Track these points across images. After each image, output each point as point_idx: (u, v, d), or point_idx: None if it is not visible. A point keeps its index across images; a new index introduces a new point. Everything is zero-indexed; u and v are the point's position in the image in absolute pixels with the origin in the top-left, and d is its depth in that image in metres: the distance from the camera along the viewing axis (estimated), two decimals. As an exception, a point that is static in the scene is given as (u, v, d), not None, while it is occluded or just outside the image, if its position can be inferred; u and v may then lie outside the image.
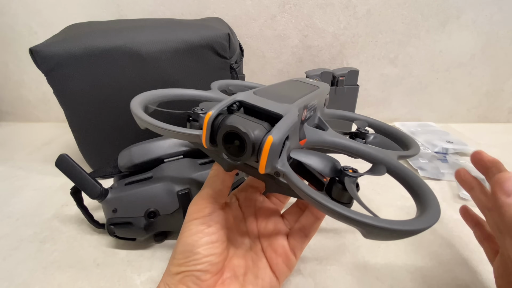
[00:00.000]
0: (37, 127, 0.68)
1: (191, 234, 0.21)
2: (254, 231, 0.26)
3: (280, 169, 0.17)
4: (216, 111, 0.18)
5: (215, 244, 0.21)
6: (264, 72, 0.64)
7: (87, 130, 0.43)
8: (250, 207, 0.27)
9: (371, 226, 0.14)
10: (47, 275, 0.29)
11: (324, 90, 0.28)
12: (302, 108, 0.20)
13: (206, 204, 0.22)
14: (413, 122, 0.67)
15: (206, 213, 0.22)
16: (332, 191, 0.18)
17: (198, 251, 0.21)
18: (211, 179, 0.23)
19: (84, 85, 0.39)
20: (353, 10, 0.57)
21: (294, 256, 0.24)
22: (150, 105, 0.25)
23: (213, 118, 0.18)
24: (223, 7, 0.57)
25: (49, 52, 0.37)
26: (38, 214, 0.38)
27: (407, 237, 0.15)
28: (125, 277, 0.29)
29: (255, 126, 0.17)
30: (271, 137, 0.16)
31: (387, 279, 0.29)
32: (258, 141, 0.16)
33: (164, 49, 0.39)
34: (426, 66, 0.63)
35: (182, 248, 0.21)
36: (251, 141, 0.16)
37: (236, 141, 0.17)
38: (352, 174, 0.18)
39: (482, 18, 0.58)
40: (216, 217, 0.22)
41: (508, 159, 0.52)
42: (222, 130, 0.17)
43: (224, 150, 0.17)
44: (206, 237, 0.21)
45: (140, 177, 0.31)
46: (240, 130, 0.16)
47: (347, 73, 0.53)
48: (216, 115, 0.18)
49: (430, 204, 0.16)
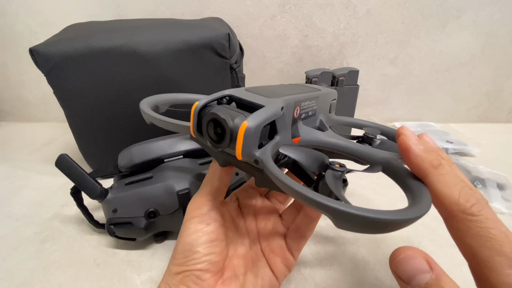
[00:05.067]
0: (37, 127, 0.68)
1: (190, 233, 0.21)
2: (253, 231, 0.26)
3: (258, 156, 0.17)
4: (203, 102, 0.19)
5: (214, 242, 0.21)
6: (264, 72, 0.64)
7: (87, 130, 0.43)
8: (250, 207, 0.27)
9: (339, 212, 0.13)
10: (47, 275, 0.29)
11: (328, 95, 0.28)
12: (292, 104, 0.20)
13: (205, 201, 0.22)
14: (413, 122, 0.67)
15: (204, 210, 0.22)
16: (318, 187, 0.18)
17: (198, 250, 0.21)
18: (209, 176, 0.23)
19: (84, 85, 0.39)
20: (353, 10, 0.57)
21: (292, 256, 0.24)
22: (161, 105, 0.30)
23: (199, 107, 0.19)
24: (223, 7, 0.57)
25: (49, 52, 0.37)
26: (38, 214, 0.38)
27: (387, 230, 0.13)
28: (125, 277, 0.29)
29: (236, 115, 0.17)
30: (246, 122, 0.16)
31: (387, 279, 0.29)
32: (236, 128, 0.17)
33: (164, 49, 0.39)
34: (426, 66, 0.63)
35: (182, 248, 0.21)
36: (230, 128, 0.17)
37: (218, 129, 0.18)
38: (338, 169, 0.18)
39: (482, 18, 0.58)
40: (214, 215, 0.22)
41: (508, 159, 0.53)
42: (205, 118, 0.18)
43: (208, 137, 0.18)
44: (205, 235, 0.21)
45: (140, 177, 0.31)
46: (219, 116, 0.17)
47: (347, 73, 0.53)
48: (202, 105, 0.19)
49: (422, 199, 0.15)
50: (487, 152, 0.53)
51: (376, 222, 0.13)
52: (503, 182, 0.42)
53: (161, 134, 0.35)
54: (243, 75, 0.51)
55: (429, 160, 0.16)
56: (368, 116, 0.67)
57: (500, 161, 0.51)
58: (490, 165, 0.45)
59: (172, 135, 0.35)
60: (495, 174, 0.43)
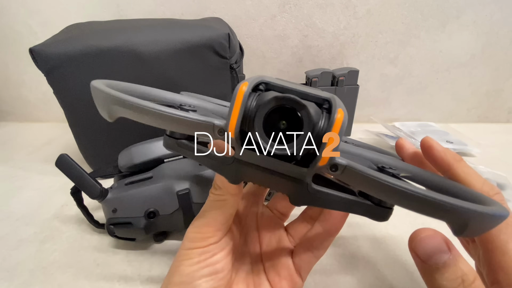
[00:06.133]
0: (37, 127, 0.67)
1: (191, 264, 0.18)
2: (255, 248, 0.23)
3: (340, 161, 0.13)
4: (252, 83, 0.13)
5: (219, 274, 0.18)
6: (264, 72, 0.64)
7: (87, 130, 0.43)
8: (251, 219, 0.24)
9: (479, 214, 0.11)
10: (47, 275, 0.29)
11: None
12: None
13: (213, 232, 0.18)
14: (413, 122, 0.67)
15: (211, 242, 0.18)
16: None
17: (199, 284, 0.17)
18: (220, 201, 0.19)
19: (84, 85, 0.39)
20: (353, 10, 0.57)
21: (300, 277, 0.21)
22: None
23: (249, 90, 0.13)
24: (223, 7, 0.57)
25: (49, 52, 0.37)
26: (38, 214, 0.38)
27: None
28: (125, 277, 0.29)
29: (308, 103, 0.12)
30: (341, 110, 0.12)
31: (387, 279, 0.29)
32: (317, 121, 0.12)
33: (164, 49, 0.39)
34: (426, 66, 0.63)
35: (179, 279, 0.18)
36: (312, 121, 0.12)
37: (283, 122, 0.13)
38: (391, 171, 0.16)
39: (482, 18, 0.58)
40: (223, 243, 0.19)
41: (508, 159, 0.53)
42: (265, 105, 0.12)
43: (265, 136, 0.13)
44: (210, 267, 0.18)
45: (140, 177, 0.31)
46: (298, 101, 0.12)
47: (347, 73, 0.53)
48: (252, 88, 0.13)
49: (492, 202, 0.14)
50: (487, 152, 0.53)
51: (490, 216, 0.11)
52: (503, 182, 0.42)
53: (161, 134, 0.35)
54: (243, 75, 0.51)
55: (452, 154, 0.19)
56: (368, 116, 0.67)
57: (500, 161, 0.51)
58: (490, 165, 0.45)
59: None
60: (495, 174, 0.43)
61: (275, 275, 0.21)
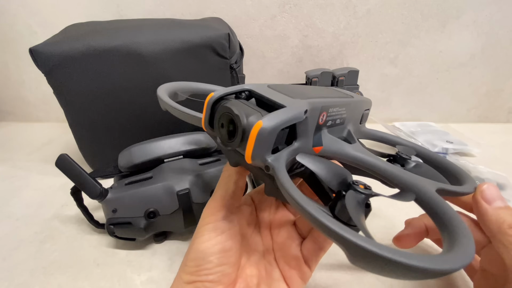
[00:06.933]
0: (37, 127, 0.68)
1: (203, 241, 0.20)
2: (267, 237, 0.25)
3: (269, 162, 0.15)
4: (219, 94, 0.17)
5: (229, 252, 0.20)
6: (264, 72, 0.64)
7: (87, 130, 0.43)
8: (265, 211, 0.26)
9: (357, 247, 0.11)
10: (47, 275, 0.29)
11: (361, 103, 0.25)
12: (318, 109, 0.18)
13: (219, 207, 0.21)
14: (413, 122, 0.67)
15: (219, 216, 0.21)
16: (335, 208, 0.16)
17: (211, 260, 0.20)
18: (223, 180, 0.22)
19: (84, 85, 0.39)
20: (353, 10, 0.57)
21: (308, 268, 0.23)
22: (181, 93, 0.29)
23: (214, 99, 0.17)
24: (223, 7, 0.57)
25: (49, 52, 0.37)
26: (38, 214, 0.38)
27: (415, 278, 0.11)
28: (125, 277, 0.29)
29: (251, 112, 0.15)
30: (261, 122, 0.14)
31: (387, 279, 0.29)
32: (250, 127, 0.15)
33: (164, 49, 0.39)
34: (426, 66, 0.63)
35: (194, 255, 0.20)
36: (242, 126, 0.15)
37: (231, 125, 0.16)
38: (362, 190, 0.15)
39: (482, 18, 0.58)
40: (229, 222, 0.21)
41: (508, 159, 0.53)
42: (219, 111, 0.17)
43: (218, 133, 0.17)
44: (219, 244, 0.20)
45: (140, 177, 0.31)
46: (232, 111, 0.15)
47: (347, 73, 0.53)
48: (218, 97, 0.17)
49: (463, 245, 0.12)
50: (487, 152, 0.53)
51: (403, 267, 0.10)
52: (503, 182, 0.42)
53: (161, 134, 0.35)
54: (243, 75, 0.51)
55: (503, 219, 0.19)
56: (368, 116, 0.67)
57: (500, 161, 0.51)
58: (490, 165, 0.45)
59: (172, 135, 0.35)
60: (495, 174, 0.43)
61: (284, 264, 0.23)
